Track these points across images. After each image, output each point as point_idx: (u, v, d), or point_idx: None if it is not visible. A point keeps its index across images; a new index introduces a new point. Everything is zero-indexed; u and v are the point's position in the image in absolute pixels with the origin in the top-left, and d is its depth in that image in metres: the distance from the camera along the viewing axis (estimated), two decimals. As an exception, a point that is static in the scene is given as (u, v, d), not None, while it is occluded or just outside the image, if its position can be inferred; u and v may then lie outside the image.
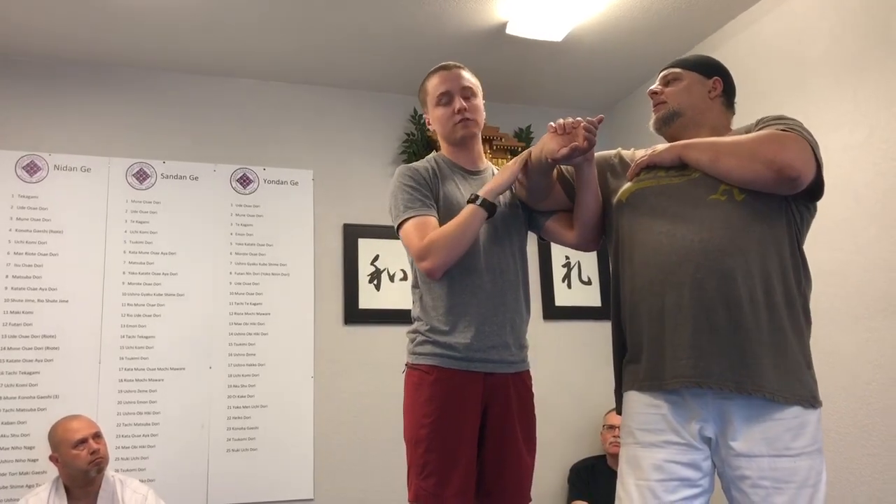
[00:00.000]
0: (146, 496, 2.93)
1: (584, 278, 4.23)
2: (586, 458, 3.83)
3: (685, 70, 2.01)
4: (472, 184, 2.17)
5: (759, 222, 1.77)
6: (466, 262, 2.04)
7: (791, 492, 1.65)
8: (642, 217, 1.89)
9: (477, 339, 2.02)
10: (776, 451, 1.67)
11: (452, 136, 2.18)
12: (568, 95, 4.27)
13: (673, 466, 1.75)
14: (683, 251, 1.78)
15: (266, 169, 3.85)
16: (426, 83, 2.25)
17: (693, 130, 1.95)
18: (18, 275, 3.39)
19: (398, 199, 2.09)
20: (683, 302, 1.76)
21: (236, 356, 3.60)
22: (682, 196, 1.84)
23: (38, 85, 3.61)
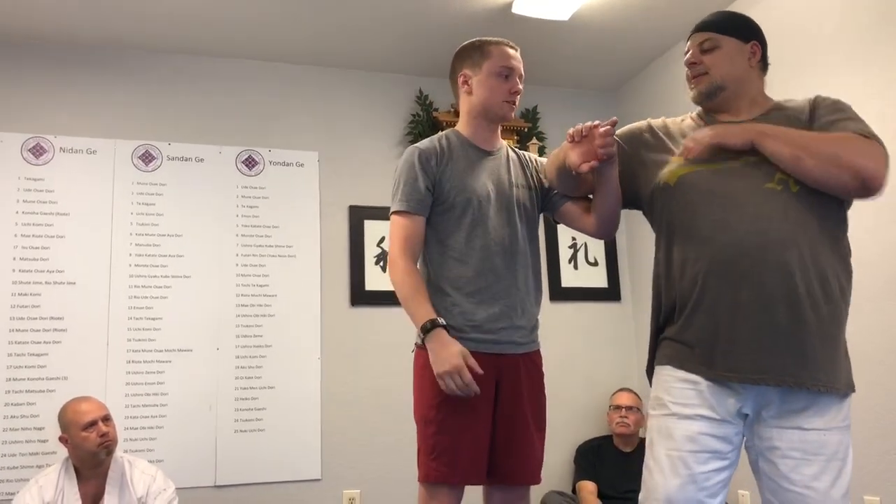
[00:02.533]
0: (155, 477, 2.94)
1: (590, 259, 4.22)
2: (592, 439, 3.84)
3: (722, 35, 1.91)
4: (485, 164, 2.15)
5: (814, 215, 1.74)
6: (478, 243, 2.05)
7: (820, 463, 1.68)
8: (695, 204, 1.83)
9: (488, 320, 2.03)
10: (810, 425, 1.69)
11: (497, 111, 2.15)
12: (575, 75, 4.24)
13: (705, 439, 1.75)
14: (741, 244, 1.74)
15: (272, 150, 3.84)
16: (490, 48, 2.15)
17: (735, 102, 1.91)
18: (26, 257, 3.40)
19: (399, 184, 2.10)
20: (742, 297, 1.73)
21: (243, 338, 3.61)
22: (737, 183, 1.79)
23: (44, 68, 3.60)
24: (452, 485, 1.96)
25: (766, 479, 1.76)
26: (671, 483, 1.73)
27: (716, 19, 1.97)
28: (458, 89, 2.21)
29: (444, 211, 2.09)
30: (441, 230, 2.09)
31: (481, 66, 2.14)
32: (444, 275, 2.06)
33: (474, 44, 2.19)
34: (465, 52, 2.20)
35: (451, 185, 2.08)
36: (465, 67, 2.17)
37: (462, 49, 2.22)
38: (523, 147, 4.03)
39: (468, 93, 2.17)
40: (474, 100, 2.16)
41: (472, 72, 2.15)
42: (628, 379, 4.05)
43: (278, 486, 3.53)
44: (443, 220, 2.09)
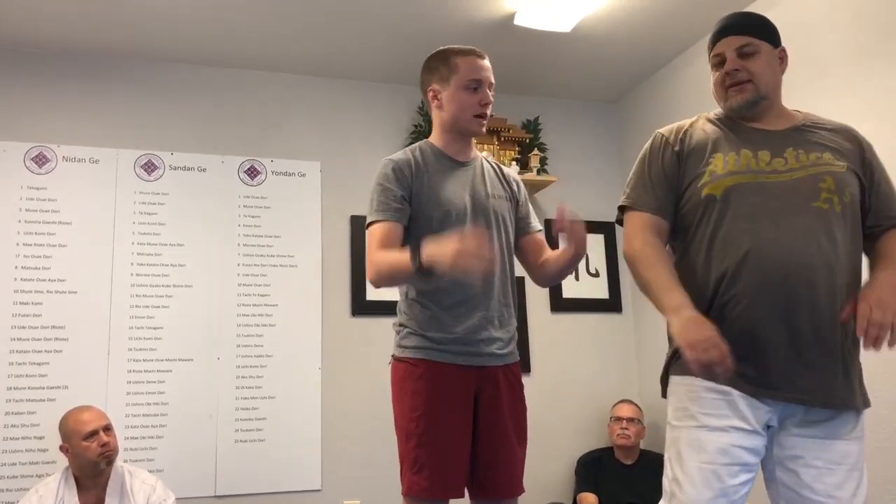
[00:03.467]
0: (154, 487, 2.94)
1: (591, 270, 4.22)
2: (593, 451, 3.83)
3: (761, 40, 1.85)
4: (459, 175, 2.13)
5: (851, 233, 1.77)
6: None
7: (843, 473, 1.69)
8: (740, 217, 1.77)
9: (467, 332, 2.02)
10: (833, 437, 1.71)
11: (468, 126, 2.12)
12: (577, 86, 4.25)
13: (738, 451, 1.71)
14: (791, 264, 1.70)
15: (274, 160, 3.85)
16: (457, 60, 2.11)
17: (769, 112, 1.88)
18: (27, 266, 3.41)
19: (374, 197, 2.07)
20: (790, 317, 1.70)
21: (244, 347, 3.61)
22: (784, 199, 1.75)
23: (47, 77, 3.62)
24: (436, 499, 1.95)
25: (783, 490, 1.75)
26: (704, 496, 1.70)
27: (752, 21, 1.88)
28: (429, 103, 2.18)
29: (420, 224, 2.05)
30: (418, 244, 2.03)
31: (449, 80, 2.10)
32: (419, 291, 2.05)
33: (441, 56, 2.14)
34: (432, 66, 2.16)
35: (428, 197, 2.06)
36: (434, 82, 2.13)
37: (429, 61, 2.17)
38: (525, 158, 4.04)
39: (438, 107, 2.15)
40: (445, 115, 2.13)
41: (441, 86, 2.12)
42: (629, 390, 4.04)
43: (278, 496, 3.51)
44: (419, 232, 2.04)
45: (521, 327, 4.01)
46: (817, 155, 1.80)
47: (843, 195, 1.75)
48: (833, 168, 1.78)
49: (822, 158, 1.79)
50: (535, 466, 3.90)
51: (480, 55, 2.14)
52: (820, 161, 1.78)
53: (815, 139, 1.84)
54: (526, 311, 4.04)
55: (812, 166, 1.77)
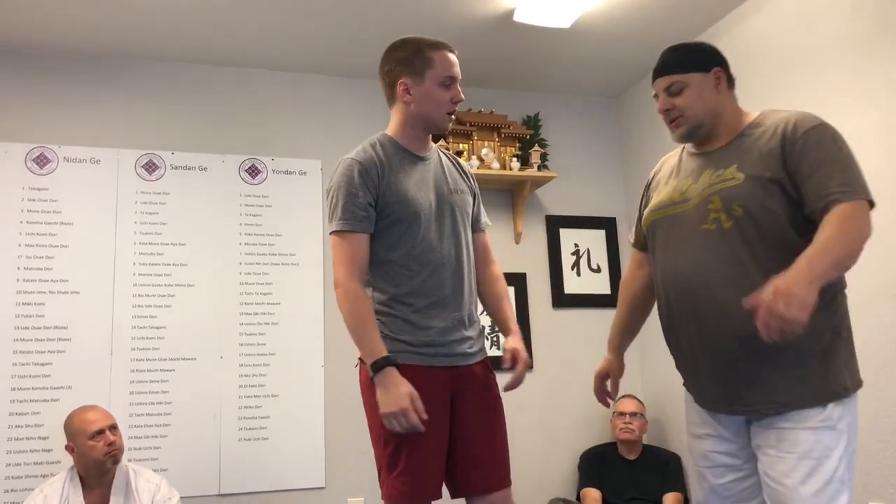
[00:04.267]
0: (159, 486, 2.95)
1: (593, 266, 4.22)
2: (597, 446, 3.83)
3: (684, 74, 1.94)
4: (421, 171, 2.09)
5: (750, 245, 1.79)
6: (425, 257, 2.01)
7: (791, 461, 1.74)
8: (657, 250, 2.00)
9: (439, 333, 2.00)
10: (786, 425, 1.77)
11: (439, 123, 2.09)
12: (576, 82, 4.25)
13: (714, 455, 1.93)
14: (684, 285, 1.88)
15: (275, 159, 3.85)
16: (432, 55, 2.04)
17: (714, 131, 1.95)
18: (30, 266, 3.41)
19: (338, 201, 1.99)
20: (692, 336, 1.88)
21: (247, 346, 3.62)
22: (681, 227, 1.91)
23: (48, 77, 3.62)
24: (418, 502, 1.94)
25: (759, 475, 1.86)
26: (699, 493, 2.00)
27: (674, 59, 1.99)
28: (394, 95, 2.08)
29: (388, 225, 2.01)
30: (386, 245, 2.02)
31: (423, 74, 2.03)
32: (393, 291, 2.01)
33: (414, 48, 2.05)
34: (403, 57, 2.06)
35: (396, 198, 2.00)
36: (405, 75, 2.04)
37: (399, 52, 2.07)
38: (526, 154, 4.04)
39: (407, 102, 2.06)
40: (414, 110, 2.06)
41: (413, 80, 2.04)
42: (632, 385, 4.04)
43: (282, 494, 3.52)
44: (388, 234, 2.01)
45: (523, 323, 4.01)
46: (719, 172, 1.87)
47: (732, 210, 1.80)
48: (725, 185, 1.83)
49: (723, 175, 1.85)
50: (538, 461, 3.91)
51: (452, 49, 2.09)
52: (718, 179, 1.86)
53: (733, 151, 1.89)
54: (528, 307, 4.05)
55: (706, 188, 1.87)
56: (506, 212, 4.15)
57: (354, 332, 1.97)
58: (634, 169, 4.26)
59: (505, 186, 4.09)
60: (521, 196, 4.07)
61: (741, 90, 2.07)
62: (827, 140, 1.79)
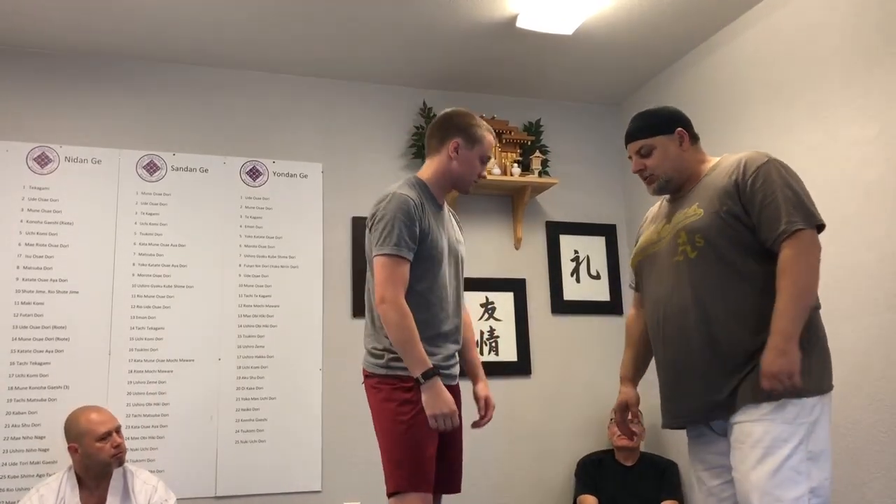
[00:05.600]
0: (156, 487, 2.94)
1: (592, 273, 4.23)
2: (594, 452, 3.83)
3: (651, 137, 2.23)
4: (440, 219, 2.45)
5: (714, 271, 2.07)
6: (441, 294, 2.37)
7: (745, 450, 1.93)
8: (644, 286, 2.31)
9: (444, 359, 2.37)
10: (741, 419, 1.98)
11: (465, 186, 2.49)
12: (579, 89, 4.26)
13: (708, 457, 2.12)
14: (664, 314, 2.16)
15: (275, 162, 3.86)
16: (483, 132, 2.46)
17: (682, 183, 2.25)
18: (29, 266, 3.41)
19: (395, 229, 2.27)
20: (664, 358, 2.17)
21: (245, 348, 3.62)
22: (658, 262, 2.22)
23: (50, 77, 3.62)
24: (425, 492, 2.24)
25: None
26: (698, 497, 2.18)
27: (641, 125, 2.27)
28: (444, 150, 2.44)
29: (420, 260, 2.31)
30: (415, 277, 2.31)
31: (472, 144, 2.43)
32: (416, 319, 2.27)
33: (474, 123, 2.46)
34: (465, 126, 2.45)
35: (431, 237, 2.34)
36: (461, 138, 2.43)
37: (461, 119, 2.47)
38: (527, 160, 4.05)
39: (452, 160, 2.43)
40: (455, 168, 2.44)
41: (466, 145, 2.43)
42: (630, 392, 4.04)
43: (279, 497, 3.52)
44: (418, 267, 2.31)
45: (522, 329, 4.02)
46: (684, 212, 2.16)
47: (695, 242, 2.09)
48: (688, 220, 2.12)
49: (687, 213, 2.14)
50: (535, 468, 3.91)
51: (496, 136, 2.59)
52: (684, 217, 2.14)
53: (697, 192, 2.18)
54: (527, 313, 4.05)
55: (675, 226, 2.17)
56: (506, 217, 4.15)
57: (404, 344, 2.23)
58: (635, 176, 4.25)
59: (505, 192, 4.10)
60: (521, 202, 4.07)
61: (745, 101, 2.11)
62: (773, 175, 2.04)
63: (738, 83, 3.45)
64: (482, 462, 3.73)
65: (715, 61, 3.62)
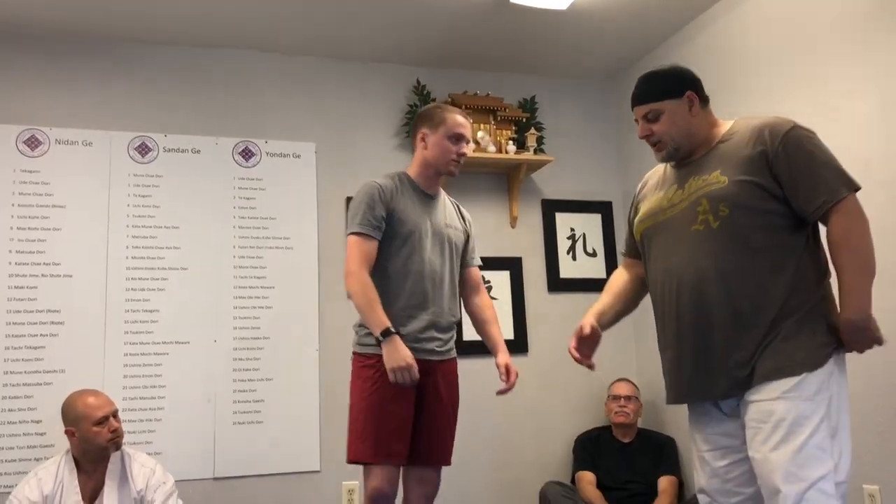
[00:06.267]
0: (154, 470, 2.94)
1: (589, 250, 4.21)
2: (592, 429, 3.84)
3: (659, 102, 2.08)
4: (426, 205, 2.61)
5: (737, 242, 1.93)
6: (412, 268, 2.51)
7: (767, 430, 1.82)
8: (651, 255, 2.15)
9: (415, 331, 2.48)
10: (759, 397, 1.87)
11: (444, 168, 2.60)
12: (573, 65, 4.22)
13: (714, 437, 2.01)
14: (680, 284, 2.00)
15: (268, 142, 3.82)
16: (446, 114, 2.59)
17: (691, 148, 2.09)
18: (22, 250, 3.39)
19: (360, 210, 2.51)
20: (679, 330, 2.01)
21: (241, 329, 3.61)
22: (673, 230, 2.06)
23: (39, 59, 3.58)
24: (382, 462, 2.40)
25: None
26: (701, 478, 2.05)
27: (649, 88, 2.12)
28: (416, 143, 2.64)
29: (391, 237, 2.52)
30: (385, 255, 2.52)
31: (436, 127, 2.58)
32: (383, 291, 2.47)
33: (435, 109, 2.65)
34: (427, 114, 2.64)
35: (399, 218, 2.52)
36: (425, 127, 2.61)
37: (425, 111, 2.68)
38: (522, 138, 4.02)
39: (424, 148, 2.61)
40: (428, 155, 2.61)
41: (430, 131, 2.59)
42: (627, 369, 4.05)
43: (277, 477, 3.53)
44: (388, 246, 2.52)
45: (519, 307, 4.01)
46: (704, 178, 2.01)
47: (718, 211, 1.95)
48: (711, 188, 1.98)
49: (708, 180, 1.99)
50: (533, 445, 3.92)
51: (466, 116, 2.64)
52: (704, 184, 2.00)
53: (714, 158, 2.03)
54: (523, 291, 4.04)
55: (694, 193, 2.02)
56: (501, 196, 4.13)
57: (363, 309, 2.44)
58: (631, 153, 4.24)
59: (500, 170, 4.07)
60: (516, 180, 4.05)
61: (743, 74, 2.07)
62: (805, 142, 1.93)
63: (734, 57, 3.42)
64: (481, 439, 3.74)
65: (711, 35, 3.59)
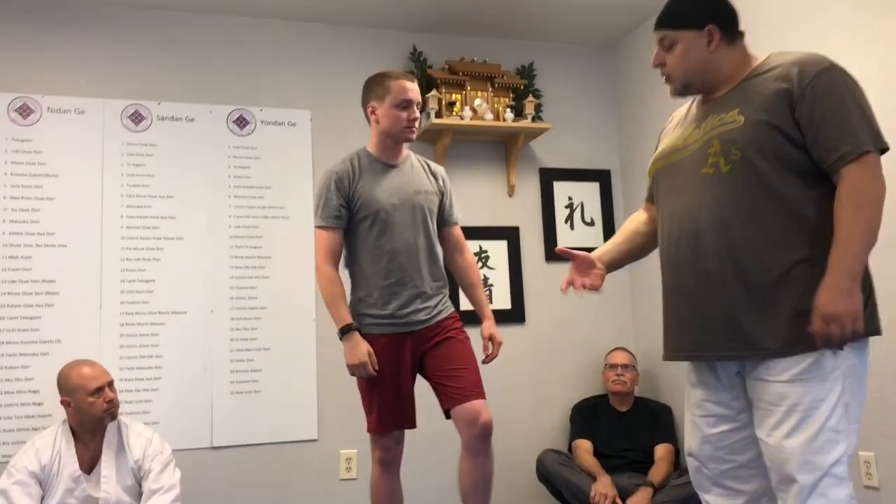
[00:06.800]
0: (151, 439, 2.95)
1: (586, 219, 4.19)
2: (588, 398, 3.85)
3: (676, 30, 1.90)
4: (390, 175, 2.62)
5: (749, 189, 1.77)
6: (386, 246, 2.55)
7: (779, 415, 1.71)
8: (661, 197, 2.00)
9: (397, 308, 2.55)
10: (771, 377, 1.74)
11: (399, 135, 2.60)
12: (572, 31, 4.16)
13: (707, 404, 1.91)
14: (681, 232, 1.87)
15: (263, 110, 3.78)
16: (390, 82, 2.57)
17: (709, 86, 1.92)
18: (16, 219, 3.36)
19: (319, 203, 2.59)
20: (680, 281, 1.89)
21: (238, 299, 3.60)
22: (681, 173, 1.90)
23: (30, 25, 3.52)
24: (386, 432, 2.60)
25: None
26: (691, 442, 1.96)
27: (670, 11, 1.94)
28: (368, 116, 2.64)
29: (358, 221, 2.57)
30: (357, 238, 2.59)
31: (382, 97, 2.57)
32: (361, 275, 2.59)
33: (377, 79, 2.62)
34: (371, 86, 2.63)
35: (362, 201, 2.56)
36: (372, 100, 2.61)
37: (368, 82, 2.65)
38: (520, 105, 3.98)
39: (376, 121, 2.61)
40: (381, 127, 2.61)
41: (378, 104, 2.59)
42: (624, 338, 4.05)
43: (275, 446, 3.54)
44: (357, 229, 2.58)
45: (516, 277, 4.00)
46: (721, 116, 1.83)
47: (730, 154, 1.78)
48: (725, 128, 1.81)
49: (724, 119, 1.82)
50: (530, 414, 3.93)
51: (410, 79, 2.61)
52: (720, 123, 1.83)
53: (737, 95, 1.85)
54: (520, 261, 4.03)
55: (707, 133, 1.85)
56: (499, 164, 4.10)
57: (327, 304, 2.55)
58: (630, 121, 4.20)
59: (498, 138, 4.03)
60: (514, 148, 4.01)
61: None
62: (838, 83, 1.74)
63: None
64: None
65: (711, 0, 3.53)
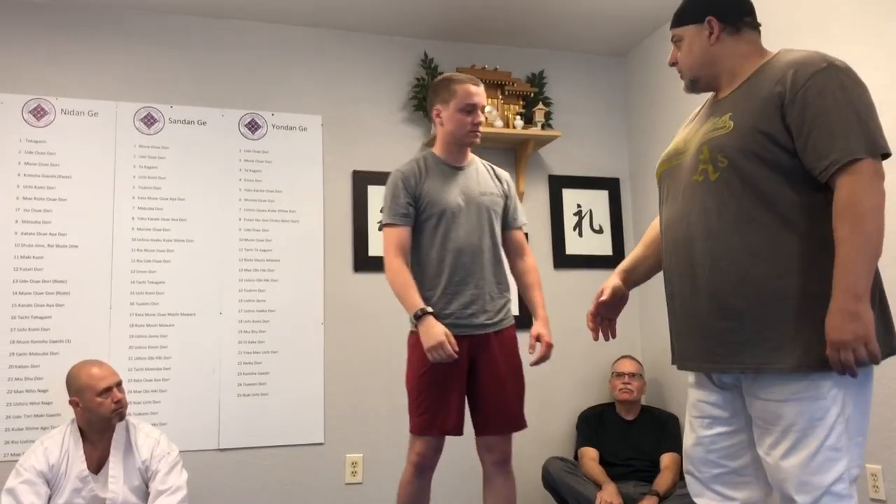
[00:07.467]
0: (159, 440, 2.96)
1: (595, 227, 4.20)
2: (595, 406, 3.85)
3: (681, 27, 1.91)
4: (456, 177, 2.63)
5: (735, 198, 1.70)
6: (451, 246, 2.55)
7: (776, 434, 1.67)
8: (662, 202, 1.98)
9: (459, 309, 2.54)
10: (765, 395, 1.70)
11: (464, 139, 2.61)
12: (582, 40, 4.17)
13: (703, 406, 1.88)
14: (673, 240, 1.86)
15: (274, 114, 3.80)
16: (456, 86, 2.57)
17: (715, 81, 1.88)
18: (28, 220, 3.39)
19: (388, 201, 2.59)
20: (674, 290, 1.88)
21: (246, 302, 3.61)
22: (676, 179, 1.88)
23: (46, 28, 3.55)
24: (432, 435, 2.53)
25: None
26: (688, 442, 1.92)
27: (679, 10, 1.94)
28: (433, 119, 2.66)
29: (423, 221, 2.58)
30: (422, 237, 2.59)
31: (447, 101, 2.59)
32: (424, 274, 2.57)
33: (444, 82, 2.63)
34: (437, 89, 2.64)
35: (428, 199, 2.57)
36: (438, 103, 2.62)
37: (434, 86, 2.67)
38: (530, 113, 3.99)
39: (441, 124, 2.64)
40: (445, 130, 2.63)
41: (443, 107, 2.61)
42: (631, 346, 4.05)
43: (281, 449, 3.55)
44: (423, 228, 2.59)
45: (524, 283, 4.00)
46: (715, 121, 1.79)
47: (717, 162, 1.72)
48: (716, 134, 1.76)
49: (717, 124, 1.77)
50: (537, 421, 3.92)
51: (477, 83, 2.61)
52: (713, 127, 1.78)
53: (734, 97, 1.80)
54: (529, 268, 4.03)
55: (702, 138, 1.81)
56: (508, 170, 4.06)
57: (398, 293, 2.51)
58: (640, 130, 4.21)
59: (508, 145, 4.04)
60: (523, 155, 4.02)
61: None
62: (830, 87, 1.64)
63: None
64: (484, 415, 3.75)
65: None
